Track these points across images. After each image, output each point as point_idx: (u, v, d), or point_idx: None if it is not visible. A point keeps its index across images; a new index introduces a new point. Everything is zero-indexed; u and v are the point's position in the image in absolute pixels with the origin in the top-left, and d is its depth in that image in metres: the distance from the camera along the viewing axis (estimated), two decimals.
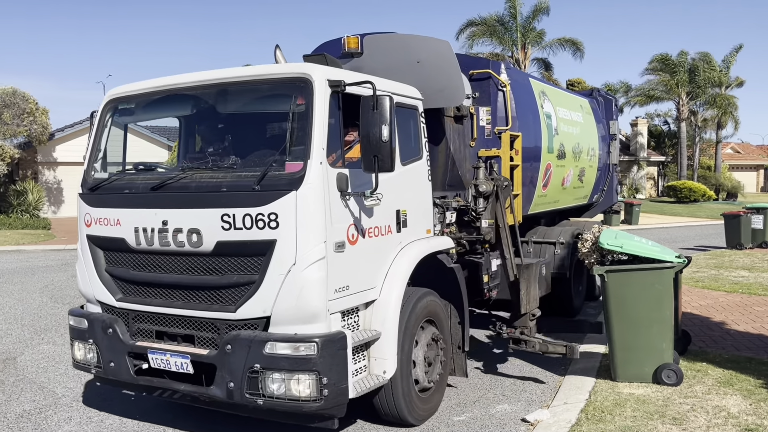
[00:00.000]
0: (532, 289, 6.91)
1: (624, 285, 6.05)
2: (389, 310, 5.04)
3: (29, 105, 26.97)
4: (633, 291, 6.03)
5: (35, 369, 7.37)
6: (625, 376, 6.11)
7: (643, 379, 6.05)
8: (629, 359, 6.09)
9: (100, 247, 5.26)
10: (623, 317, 6.06)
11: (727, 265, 13.90)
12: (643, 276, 6.02)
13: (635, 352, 6.06)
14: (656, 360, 6.02)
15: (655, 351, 6.02)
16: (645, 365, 6.05)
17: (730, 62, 44.21)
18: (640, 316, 6.01)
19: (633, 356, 6.07)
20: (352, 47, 6.28)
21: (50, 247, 19.85)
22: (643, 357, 6.05)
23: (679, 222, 30.02)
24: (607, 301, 6.15)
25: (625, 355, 6.09)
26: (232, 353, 4.51)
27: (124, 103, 5.57)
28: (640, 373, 6.07)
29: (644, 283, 6.01)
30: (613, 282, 6.07)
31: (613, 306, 6.10)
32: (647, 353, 6.03)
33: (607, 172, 11.49)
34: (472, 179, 6.75)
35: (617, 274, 6.08)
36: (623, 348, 6.10)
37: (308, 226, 4.45)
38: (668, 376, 5.96)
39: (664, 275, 5.99)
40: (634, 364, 6.08)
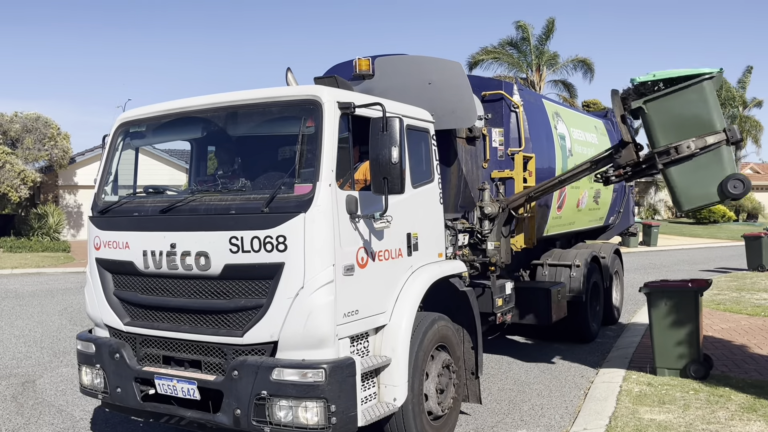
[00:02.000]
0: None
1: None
2: (400, 336, 4.94)
3: (51, 130, 27.43)
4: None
5: (54, 392, 7.36)
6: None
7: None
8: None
9: (109, 270, 5.24)
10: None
11: (748, 287, 13.60)
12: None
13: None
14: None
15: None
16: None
17: (745, 83, 43.92)
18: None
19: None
20: (363, 69, 6.27)
21: (70, 270, 20.00)
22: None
23: (698, 243, 29.60)
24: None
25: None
26: (239, 379, 4.43)
27: (135, 127, 5.58)
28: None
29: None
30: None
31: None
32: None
33: (623, 193, 11.35)
34: (478, 201, 6.68)
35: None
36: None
37: (317, 248, 4.39)
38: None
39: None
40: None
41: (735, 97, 42.13)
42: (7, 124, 26.52)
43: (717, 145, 5.76)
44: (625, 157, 6.31)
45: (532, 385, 7.29)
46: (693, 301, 6.79)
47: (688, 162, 5.84)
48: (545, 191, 7.02)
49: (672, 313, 6.83)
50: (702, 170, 5.82)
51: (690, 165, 5.85)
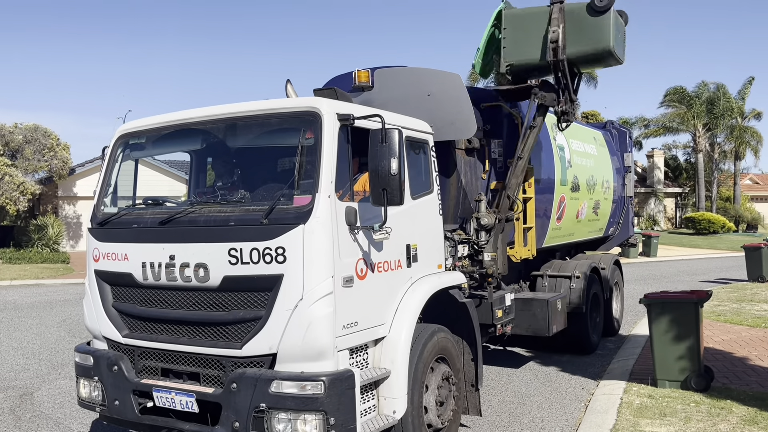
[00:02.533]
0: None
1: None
2: (399, 348, 4.92)
3: (50, 140, 27.50)
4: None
5: (52, 404, 7.32)
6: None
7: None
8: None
9: (108, 282, 5.23)
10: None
11: (749, 298, 13.57)
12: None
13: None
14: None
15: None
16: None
17: (745, 94, 44.07)
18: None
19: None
20: (362, 81, 6.28)
21: (69, 281, 19.98)
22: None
23: (698, 254, 29.57)
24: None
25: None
26: (237, 392, 4.41)
27: (135, 138, 5.59)
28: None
29: None
30: None
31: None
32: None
33: (622, 204, 11.35)
34: (474, 212, 6.68)
35: None
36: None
37: (316, 260, 4.38)
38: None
39: None
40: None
41: (734, 108, 42.22)
42: (9, 135, 26.58)
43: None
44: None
45: (533, 397, 7.26)
46: (693, 313, 6.77)
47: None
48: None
49: (672, 325, 6.81)
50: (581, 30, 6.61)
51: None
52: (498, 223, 6.70)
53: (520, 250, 7.43)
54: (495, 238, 6.69)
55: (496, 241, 6.69)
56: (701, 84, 43.02)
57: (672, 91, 43.54)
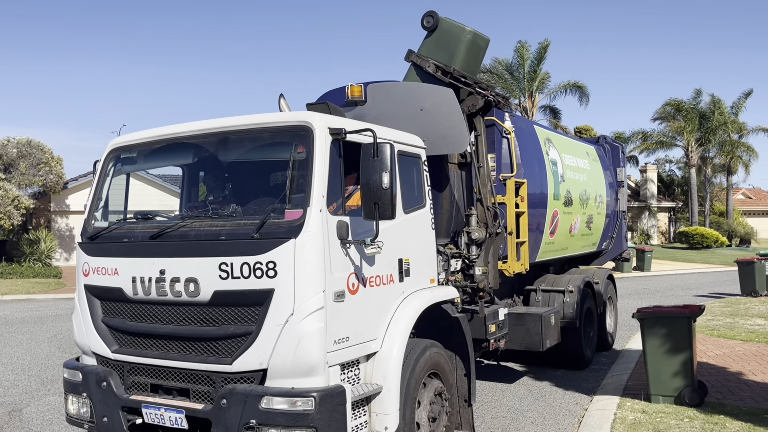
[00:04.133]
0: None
1: None
2: (391, 363, 4.89)
3: (45, 155, 27.43)
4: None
5: (40, 421, 7.22)
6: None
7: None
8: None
9: (98, 296, 5.19)
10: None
11: (742, 312, 13.58)
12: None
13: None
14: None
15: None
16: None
17: (740, 107, 44.22)
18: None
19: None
20: (355, 95, 6.31)
21: (60, 296, 19.82)
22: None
23: (692, 268, 29.62)
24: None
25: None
26: (227, 408, 4.37)
27: (126, 153, 5.58)
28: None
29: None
30: None
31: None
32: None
33: (615, 219, 11.38)
34: (464, 227, 6.67)
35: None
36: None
37: (307, 274, 4.36)
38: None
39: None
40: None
41: (727, 123, 42.42)
42: (2, 149, 26.51)
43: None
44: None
45: (526, 412, 7.22)
46: (686, 327, 6.76)
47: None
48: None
49: (666, 340, 6.80)
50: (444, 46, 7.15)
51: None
52: (489, 237, 6.70)
53: (513, 264, 7.42)
54: (486, 252, 6.68)
55: (487, 255, 6.68)
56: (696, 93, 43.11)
57: (666, 105, 43.76)
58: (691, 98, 43.18)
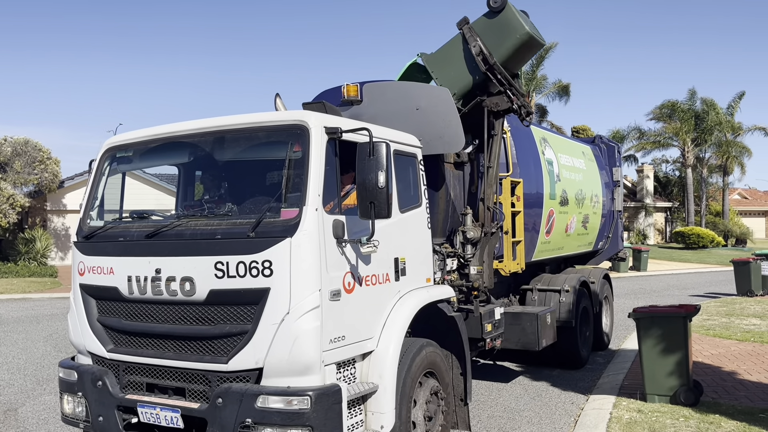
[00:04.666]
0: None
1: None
2: (387, 362, 4.89)
3: (41, 154, 27.37)
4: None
5: (36, 421, 7.21)
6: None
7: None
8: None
9: (93, 296, 5.18)
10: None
11: (738, 312, 13.62)
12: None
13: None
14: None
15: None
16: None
17: (734, 108, 44.38)
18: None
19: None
20: (351, 95, 6.30)
21: (56, 295, 19.78)
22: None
23: (688, 268, 29.69)
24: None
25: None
26: (223, 407, 4.36)
27: (122, 152, 5.57)
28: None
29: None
30: None
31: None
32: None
33: (611, 218, 11.40)
34: (460, 226, 6.68)
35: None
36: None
37: (303, 273, 4.36)
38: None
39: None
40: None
41: (722, 123, 42.53)
42: None
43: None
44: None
45: (522, 412, 7.22)
46: (682, 327, 6.77)
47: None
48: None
49: (661, 339, 6.82)
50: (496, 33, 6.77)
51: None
52: (484, 236, 6.70)
53: (509, 263, 7.43)
54: (481, 251, 6.69)
55: (482, 255, 6.69)
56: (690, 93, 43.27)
57: (662, 106, 43.85)
58: (686, 99, 43.32)
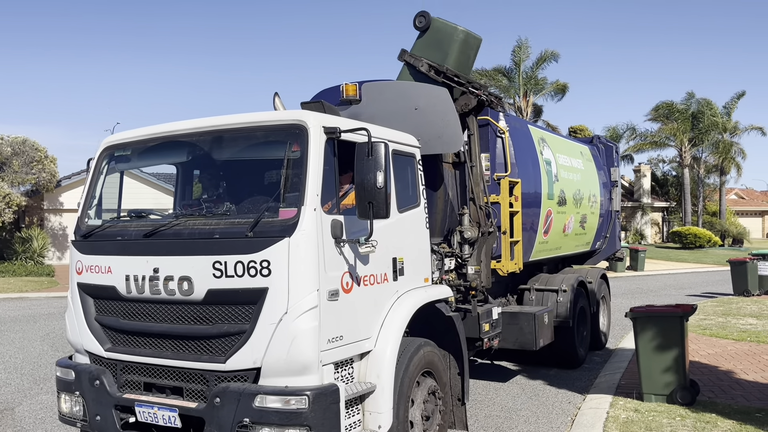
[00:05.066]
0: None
1: None
2: (385, 362, 4.89)
3: (38, 153, 27.30)
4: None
5: (33, 420, 7.20)
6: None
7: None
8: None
9: (91, 295, 5.17)
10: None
11: (734, 312, 13.65)
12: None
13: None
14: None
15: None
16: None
17: (731, 109, 44.47)
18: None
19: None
20: (350, 94, 6.31)
21: (53, 294, 19.74)
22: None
23: (685, 268, 29.75)
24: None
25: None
26: (220, 406, 4.36)
27: (120, 151, 5.56)
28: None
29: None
30: None
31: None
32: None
33: (609, 218, 11.42)
34: (457, 226, 6.69)
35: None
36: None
37: (301, 273, 4.36)
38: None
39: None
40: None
41: (719, 123, 42.65)
42: None
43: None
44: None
45: (519, 411, 7.24)
46: (679, 327, 6.79)
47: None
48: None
49: (658, 339, 6.83)
50: (436, 46, 7.15)
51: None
52: (481, 236, 6.71)
53: (507, 263, 7.44)
54: (479, 251, 6.70)
55: (479, 255, 6.70)
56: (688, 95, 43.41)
57: (659, 106, 43.93)
58: (684, 99, 43.47)
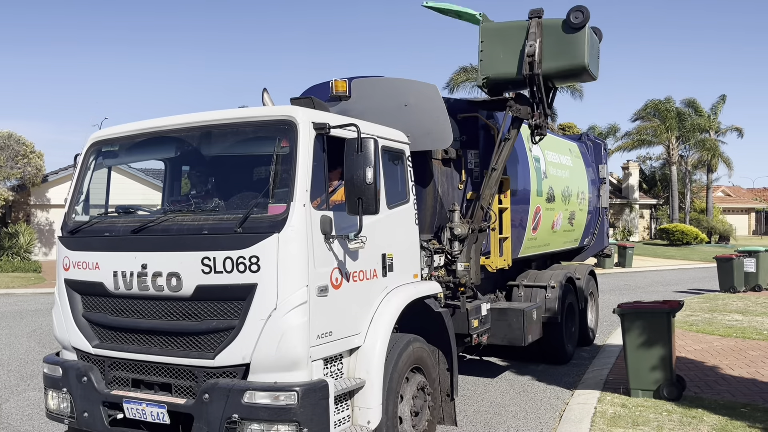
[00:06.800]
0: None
1: None
2: (374, 358, 4.90)
3: (24, 148, 27.04)
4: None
5: (20, 416, 7.15)
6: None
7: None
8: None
9: (78, 291, 5.14)
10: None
11: (720, 308, 13.78)
12: None
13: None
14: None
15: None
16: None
17: (718, 109, 45.01)
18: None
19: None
20: (339, 90, 6.29)
21: (40, 291, 19.60)
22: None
23: (672, 265, 29.97)
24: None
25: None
26: (209, 402, 4.35)
27: (108, 146, 5.52)
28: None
29: None
30: None
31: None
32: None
33: (597, 215, 11.48)
34: (447, 223, 6.70)
35: None
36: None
37: (290, 269, 4.36)
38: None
39: None
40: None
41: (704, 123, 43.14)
42: None
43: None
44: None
45: (508, 407, 7.27)
46: (665, 323, 6.85)
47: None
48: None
49: (645, 335, 6.88)
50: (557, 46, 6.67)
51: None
52: (471, 233, 6.73)
53: (496, 260, 7.46)
54: (468, 248, 6.71)
55: (469, 251, 6.72)
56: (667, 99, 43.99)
57: (648, 105, 44.24)
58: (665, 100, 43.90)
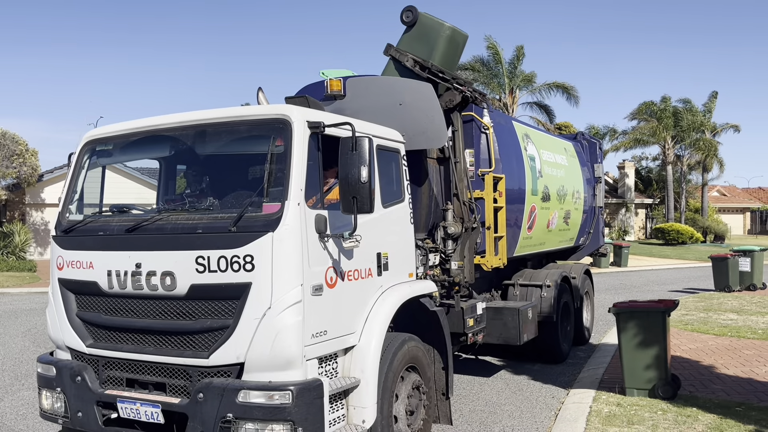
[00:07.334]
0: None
1: None
2: (369, 357, 4.90)
3: (19, 146, 26.95)
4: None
5: (14, 416, 7.12)
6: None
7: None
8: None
9: (72, 290, 5.12)
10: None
11: (715, 307, 13.82)
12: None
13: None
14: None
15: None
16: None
17: (711, 108, 45.17)
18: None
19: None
20: (334, 89, 6.27)
21: (35, 290, 19.53)
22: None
23: (667, 264, 30.04)
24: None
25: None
26: (204, 402, 4.34)
27: (102, 145, 5.51)
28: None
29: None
30: None
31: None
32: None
33: (592, 214, 11.49)
34: (441, 221, 6.70)
35: None
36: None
37: (284, 268, 4.35)
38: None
39: None
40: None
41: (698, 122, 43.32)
42: None
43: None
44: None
45: (504, 406, 7.28)
46: (661, 322, 6.86)
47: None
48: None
49: (640, 334, 6.90)
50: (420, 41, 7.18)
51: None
52: (465, 231, 6.73)
53: (491, 258, 7.47)
54: (462, 246, 6.72)
55: (463, 250, 6.72)
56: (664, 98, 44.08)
57: (644, 105, 44.40)
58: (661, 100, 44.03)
